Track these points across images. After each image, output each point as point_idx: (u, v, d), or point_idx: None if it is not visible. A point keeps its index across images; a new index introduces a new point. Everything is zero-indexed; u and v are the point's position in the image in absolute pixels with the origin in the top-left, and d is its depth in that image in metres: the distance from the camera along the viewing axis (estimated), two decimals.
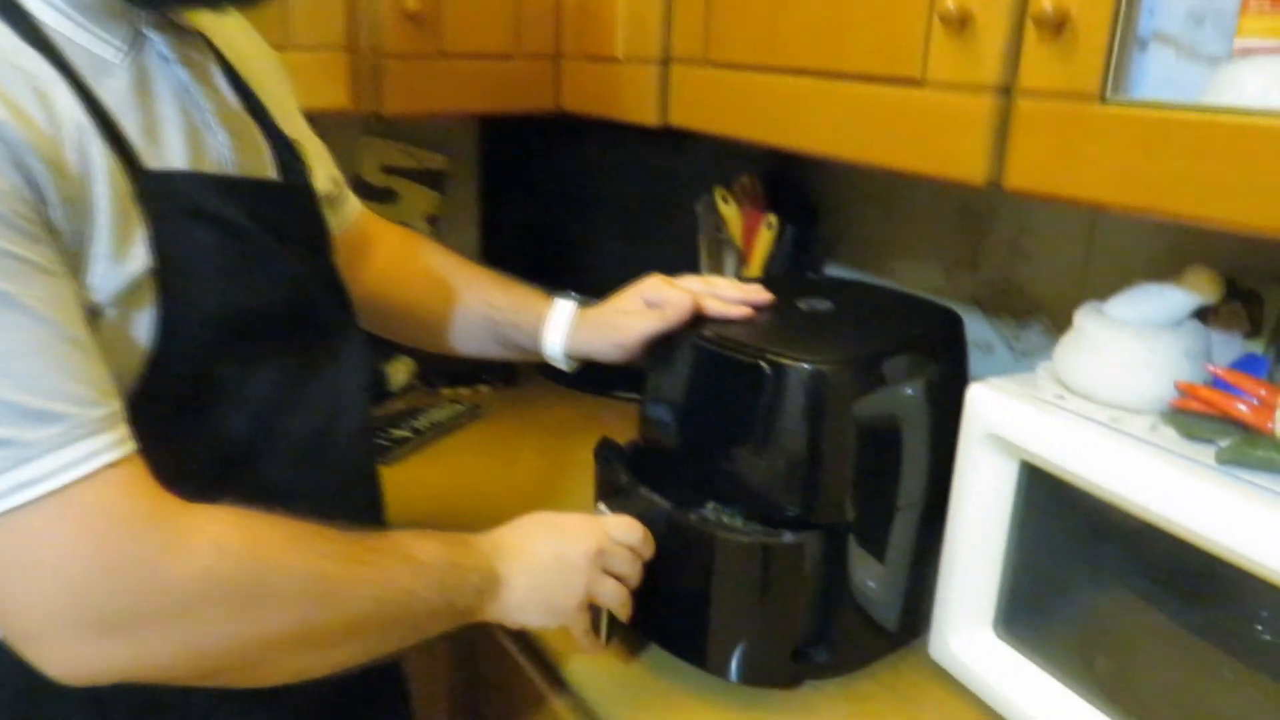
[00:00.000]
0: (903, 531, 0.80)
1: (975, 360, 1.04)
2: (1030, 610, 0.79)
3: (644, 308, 0.87)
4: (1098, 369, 0.72)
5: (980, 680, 0.80)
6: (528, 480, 1.20)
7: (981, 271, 1.15)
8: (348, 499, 0.74)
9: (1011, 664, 0.79)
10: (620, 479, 0.84)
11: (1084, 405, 0.72)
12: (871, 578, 0.81)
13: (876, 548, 0.80)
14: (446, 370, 1.44)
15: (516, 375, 1.48)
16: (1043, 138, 0.66)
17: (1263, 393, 0.65)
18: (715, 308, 0.83)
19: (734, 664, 0.80)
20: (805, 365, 0.75)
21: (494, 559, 0.70)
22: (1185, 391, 0.68)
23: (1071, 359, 0.74)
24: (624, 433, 1.29)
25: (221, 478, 0.58)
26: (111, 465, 0.53)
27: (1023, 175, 0.68)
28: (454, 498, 1.14)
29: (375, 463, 0.80)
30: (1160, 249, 0.95)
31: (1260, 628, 0.65)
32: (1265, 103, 0.57)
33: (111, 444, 0.54)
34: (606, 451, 0.88)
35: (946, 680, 0.83)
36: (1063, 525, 0.77)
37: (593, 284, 1.41)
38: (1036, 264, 1.08)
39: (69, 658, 0.53)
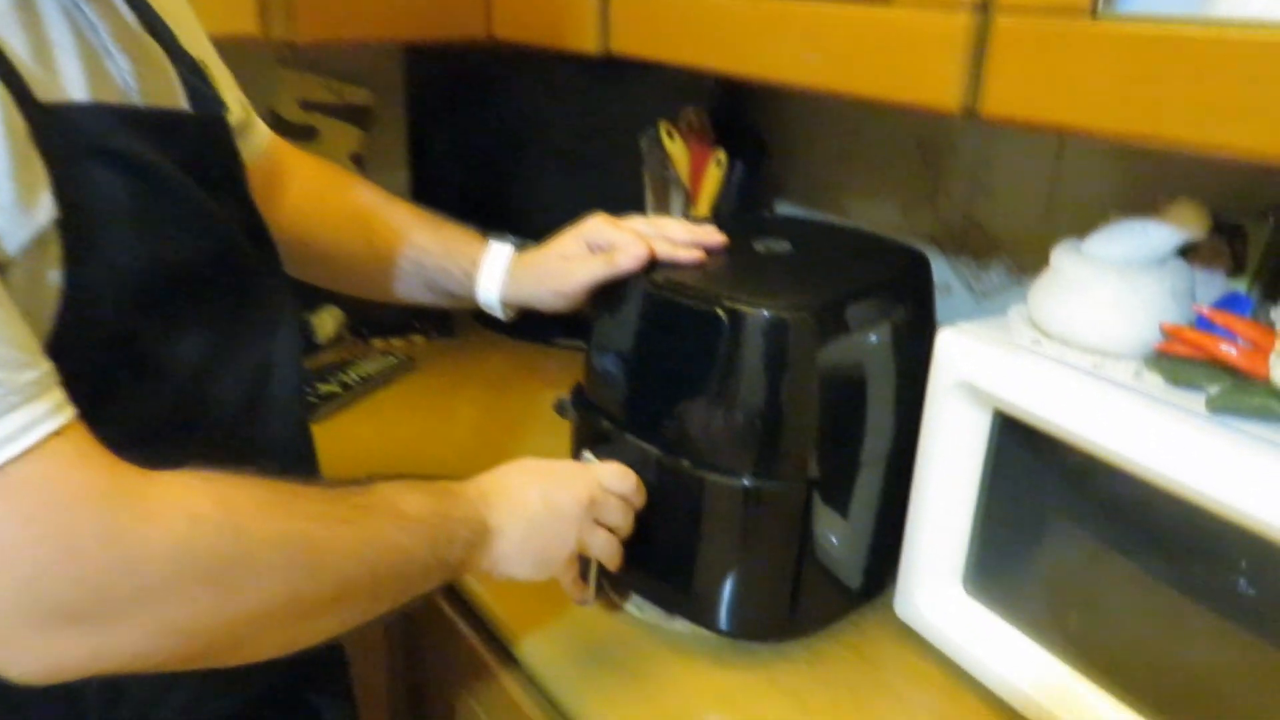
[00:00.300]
0: (867, 486, 0.76)
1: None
2: (1000, 566, 0.75)
3: (587, 252, 0.80)
4: (1078, 311, 0.67)
5: (948, 639, 0.76)
6: (466, 436, 1.13)
7: (940, 209, 1.09)
8: (282, 470, 0.67)
9: (981, 621, 0.75)
10: (603, 425, 0.78)
11: (1063, 350, 0.68)
12: (835, 534, 0.76)
13: (840, 503, 0.75)
14: (377, 320, 1.35)
15: (452, 324, 1.40)
16: (1024, 59, 0.60)
17: (1255, 335, 0.61)
18: (665, 251, 0.77)
19: (723, 614, 0.77)
20: (765, 312, 0.69)
21: (482, 508, 0.65)
22: (1172, 334, 0.64)
23: (1048, 301, 0.69)
24: (565, 382, 1.23)
25: (144, 456, 0.51)
26: (56, 434, 0.46)
27: (1001, 101, 0.62)
28: (388, 457, 1.07)
29: (310, 431, 0.73)
30: (1130, 183, 0.91)
31: (1242, 581, 0.62)
32: (1276, 16, 0.51)
33: (50, 410, 0.46)
34: (583, 399, 0.82)
35: (912, 639, 0.79)
36: (1035, 477, 0.73)
37: (530, 225, 1.33)
38: (999, 200, 1.03)
39: (31, 656, 0.47)
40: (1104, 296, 0.66)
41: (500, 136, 1.34)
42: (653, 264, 0.76)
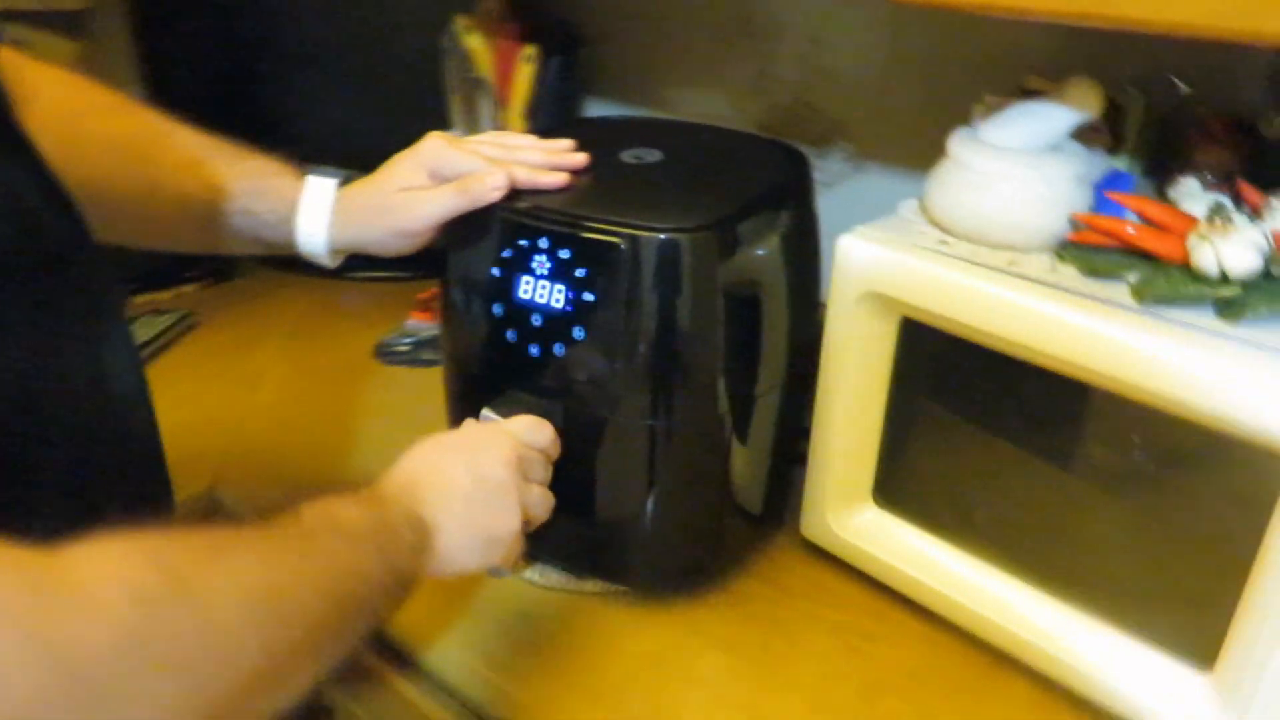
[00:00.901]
0: (766, 409, 0.70)
1: None
2: (907, 474, 0.73)
3: (430, 181, 0.68)
4: (986, 206, 0.63)
5: (863, 553, 0.73)
6: (283, 400, 0.98)
7: (771, 95, 1.03)
8: (132, 485, 0.55)
9: (893, 532, 0.73)
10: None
11: (973, 249, 0.64)
12: (742, 464, 0.71)
13: (743, 431, 0.69)
14: (137, 270, 1.14)
15: (231, 266, 1.21)
16: None
17: (1169, 218, 0.60)
18: (525, 177, 0.66)
19: (640, 567, 0.71)
20: (664, 235, 0.60)
21: (413, 504, 0.56)
22: (1087, 224, 0.61)
23: (951, 196, 0.65)
24: (380, 321, 1.10)
25: None
26: None
27: None
28: (193, 441, 0.90)
29: (158, 433, 0.59)
30: (973, 57, 0.88)
31: (1139, 454, 0.63)
32: None
33: None
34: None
35: (823, 560, 0.76)
36: (938, 382, 0.70)
37: (310, 152, 1.17)
38: (834, 82, 0.98)
39: None
40: (1013, 188, 0.62)
41: (254, 41, 1.14)
42: (512, 192, 0.65)
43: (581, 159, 0.68)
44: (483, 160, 0.66)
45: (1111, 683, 0.62)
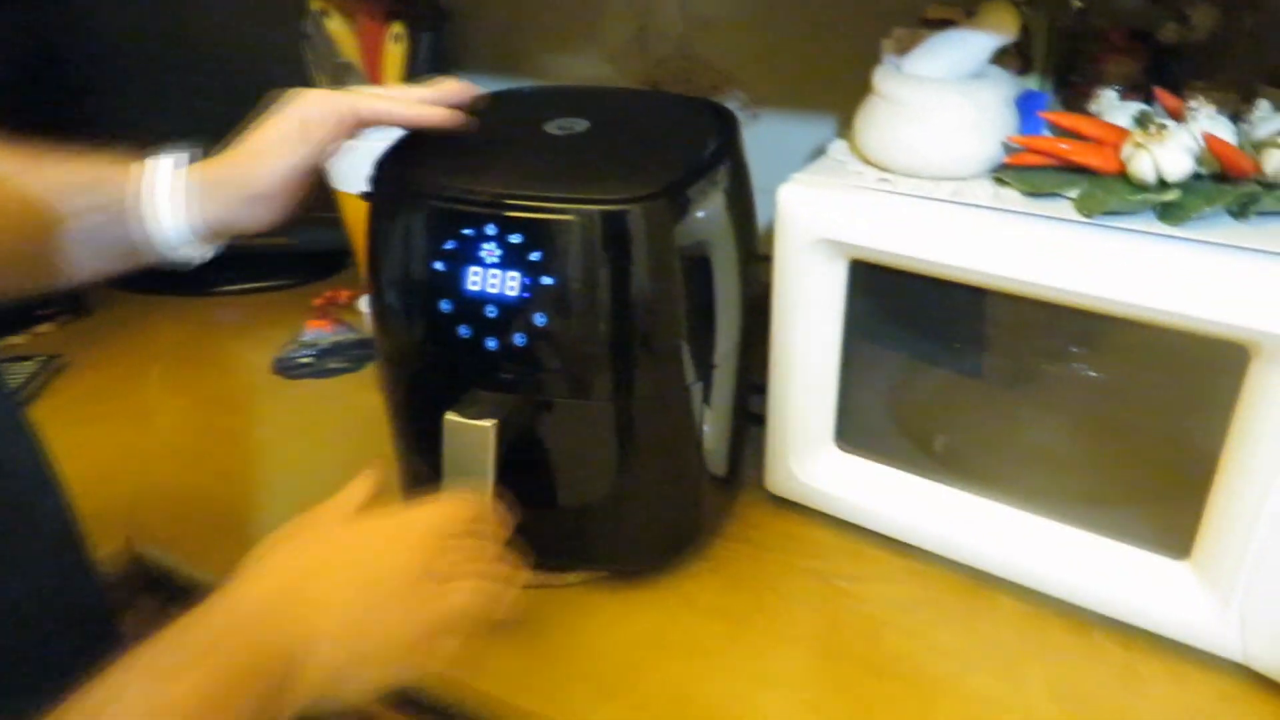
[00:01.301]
0: (727, 369, 0.69)
1: None
2: (866, 414, 0.73)
3: (283, 136, 0.61)
4: (923, 139, 0.63)
5: (832, 498, 0.74)
6: (181, 436, 0.91)
7: (655, 50, 1.01)
8: (47, 573, 0.50)
9: (860, 472, 0.74)
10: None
11: (915, 184, 0.64)
12: (710, 430, 0.69)
13: (707, 396, 0.68)
14: None
15: (87, 297, 1.11)
16: None
17: (1102, 132, 0.61)
18: (404, 112, 0.61)
19: (623, 549, 0.69)
20: (618, 206, 0.58)
21: (279, 626, 0.45)
22: (1027, 145, 0.62)
23: (885, 133, 0.65)
24: (270, 335, 1.03)
25: None
26: None
27: None
28: (94, 495, 0.82)
29: (72, 514, 0.53)
30: None
31: (1086, 368, 0.65)
32: None
33: None
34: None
35: (792, 512, 0.76)
36: (889, 318, 0.71)
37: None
38: (719, 31, 0.97)
39: None
40: (949, 117, 0.63)
41: (74, 38, 1.04)
42: (443, 180, 0.61)
43: (467, 91, 0.64)
44: (332, 99, 0.60)
45: (1094, 584, 0.65)
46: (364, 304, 0.91)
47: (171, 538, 0.78)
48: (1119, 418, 0.65)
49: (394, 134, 0.79)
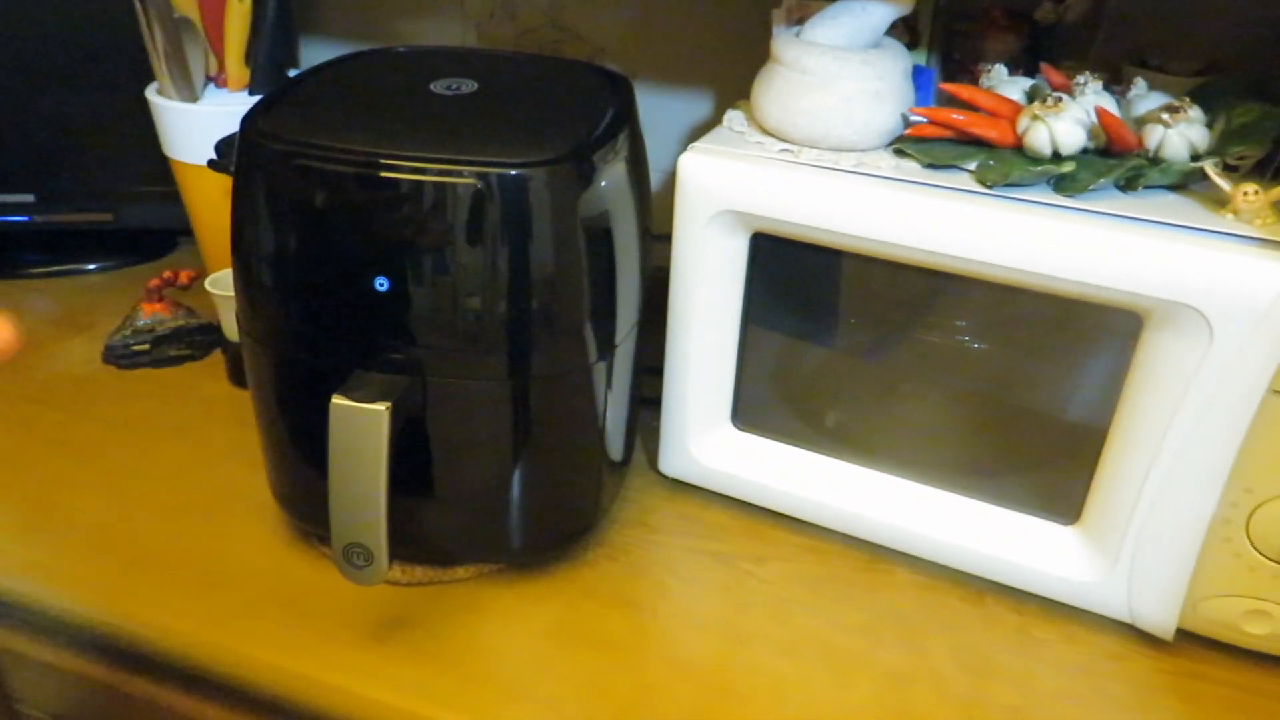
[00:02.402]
0: (626, 348, 0.66)
1: None
2: (761, 392, 0.72)
3: None
4: (825, 108, 0.62)
5: (730, 478, 0.73)
6: (6, 440, 0.80)
7: (522, 19, 0.97)
8: None
9: (757, 451, 0.72)
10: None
11: (818, 155, 0.63)
12: (610, 410, 0.66)
13: (608, 374, 0.65)
14: None
15: None
16: None
17: (997, 105, 0.62)
18: None
19: (517, 538, 0.65)
20: (522, 170, 0.54)
21: None
22: (926, 117, 0.62)
23: (786, 101, 0.63)
24: (91, 322, 0.93)
25: None
26: None
27: None
28: None
29: None
30: None
31: (976, 340, 0.67)
32: None
33: None
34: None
35: (684, 494, 0.74)
36: (784, 294, 0.70)
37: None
38: (591, 1, 0.94)
39: None
40: (852, 87, 0.62)
41: None
42: (314, 139, 0.55)
43: None
44: None
45: (987, 553, 0.66)
46: (211, 284, 0.82)
47: (32, 567, 0.68)
48: (1008, 389, 0.66)
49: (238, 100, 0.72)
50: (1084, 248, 0.55)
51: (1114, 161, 0.59)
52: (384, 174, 0.53)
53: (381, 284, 0.55)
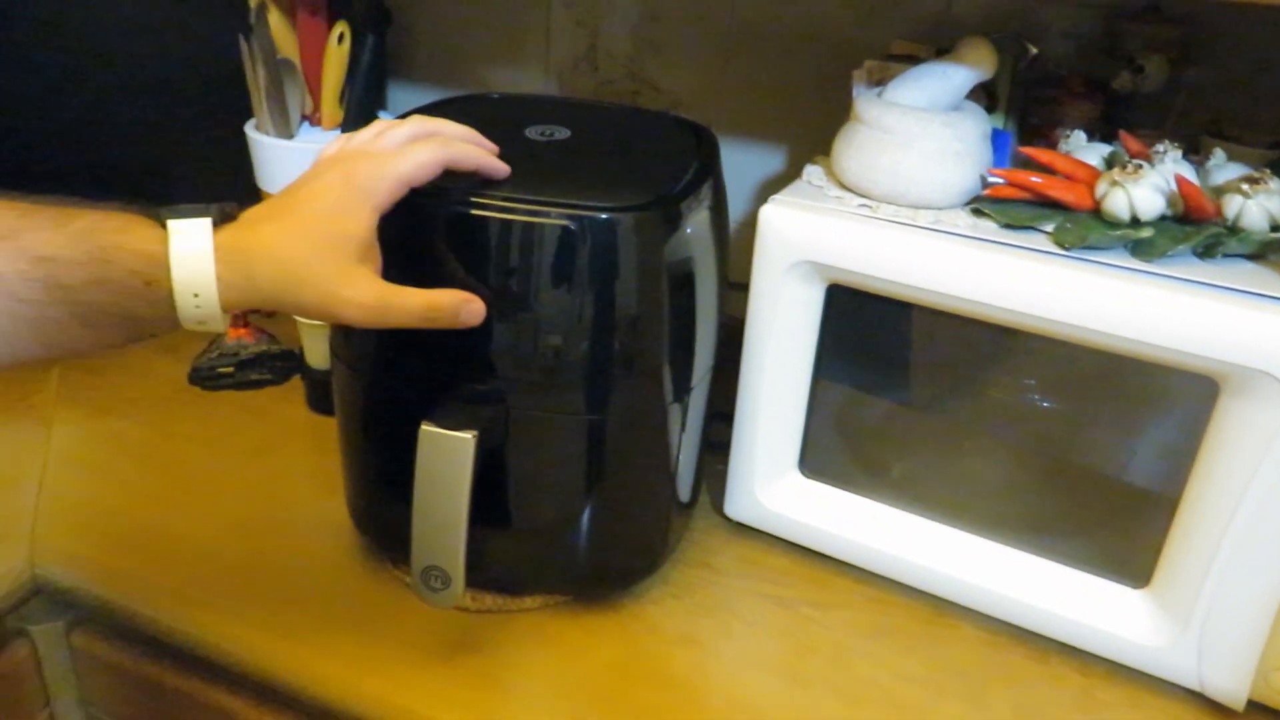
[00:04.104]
0: (700, 392, 0.68)
1: None
2: (829, 440, 0.73)
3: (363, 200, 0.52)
4: (905, 166, 0.64)
5: (794, 524, 0.73)
6: (90, 451, 0.83)
7: (603, 70, 1.00)
8: None
9: (822, 499, 0.73)
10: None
11: (896, 211, 0.65)
12: (682, 450, 0.68)
13: (683, 415, 0.67)
14: None
15: None
16: None
17: (1074, 169, 0.63)
18: (473, 158, 0.56)
19: (589, 572, 0.66)
20: (613, 214, 0.56)
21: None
22: (1004, 179, 0.64)
23: (866, 159, 0.65)
24: (176, 344, 0.96)
25: None
26: None
27: None
28: None
29: None
30: (806, 29, 0.89)
31: (1047, 398, 0.67)
32: None
33: None
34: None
35: (748, 538, 0.75)
36: (857, 345, 0.71)
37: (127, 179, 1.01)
38: (670, 55, 0.97)
39: None
40: (932, 147, 0.64)
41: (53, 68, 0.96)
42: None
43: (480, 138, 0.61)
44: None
45: (1053, 612, 0.66)
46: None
47: (75, 555, 0.71)
48: (1077, 448, 0.67)
49: (331, 139, 0.74)
50: (1162, 312, 0.56)
51: (1191, 229, 0.60)
52: (481, 213, 0.56)
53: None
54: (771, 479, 0.73)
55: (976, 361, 0.69)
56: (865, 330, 0.69)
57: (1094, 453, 0.66)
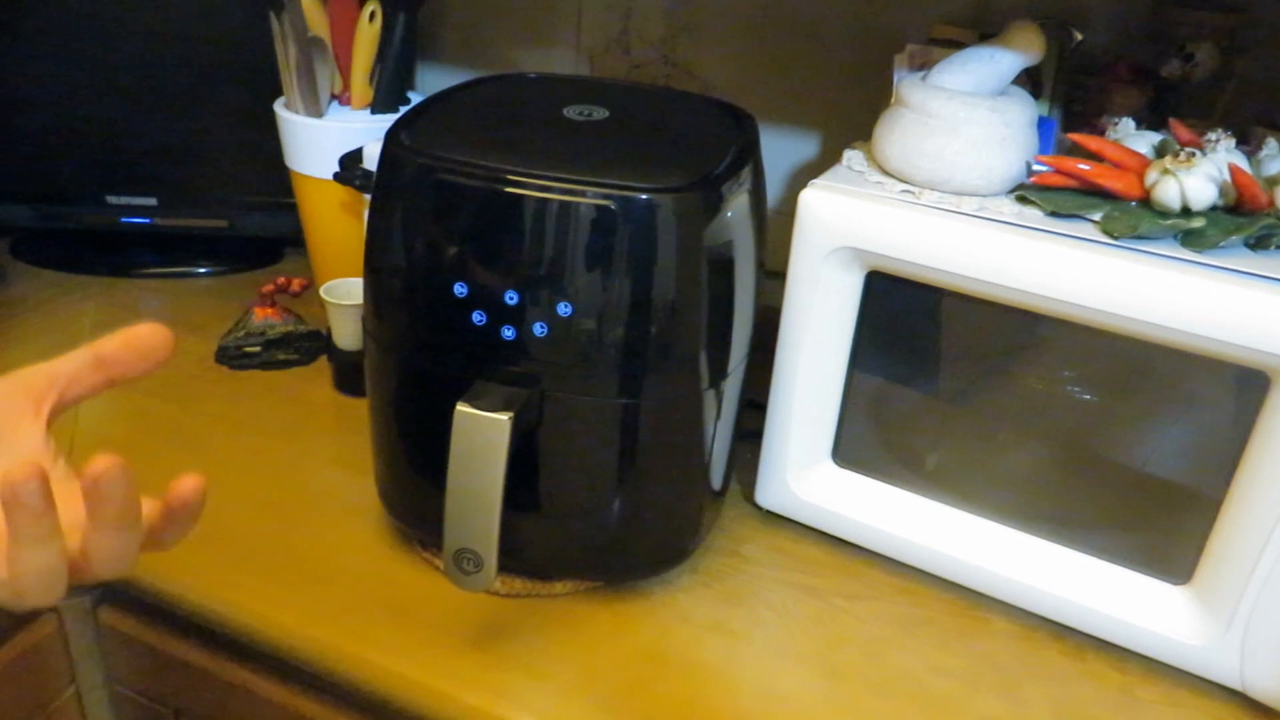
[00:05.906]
0: (736, 378, 0.67)
1: None
2: (863, 429, 0.72)
3: None
4: (950, 151, 0.63)
5: (826, 514, 0.72)
6: (117, 426, 0.83)
7: (636, 53, 0.99)
8: None
9: (855, 488, 0.72)
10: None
11: (940, 197, 0.63)
12: (717, 437, 0.67)
13: (719, 402, 0.66)
14: None
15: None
16: None
17: (1124, 157, 0.62)
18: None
19: (621, 558, 0.65)
20: (658, 194, 0.55)
21: None
22: (1051, 166, 0.62)
23: (910, 144, 0.64)
24: (204, 323, 0.96)
25: None
26: None
27: None
28: None
29: None
30: (841, 12, 0.88)
31: (1076, 389, 0.66)
32: None
33: None
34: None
35: (778, 527, 0.74)
36: (894, 334, 0.70)
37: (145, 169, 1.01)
38: (703, 38, 0.96)
39: None
40: (978, 132, 0.62)
41: (70, 64, 0.95)
42: (463, 152, 0.57)
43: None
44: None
45: (1091, 607, 0.65)
46: (325, 292, 0.85)
47: None
48: (1118, 442, 0.65)
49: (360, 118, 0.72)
50: (1213, 303, 0.55)
51: (1244, 220, 0.59)
52: (519, 191, 0.55)
53: (511, 298, 0.56)
54: (804, 468, 0.72)
55: (1014, 352, 0.68)
56: (905, 319, 0.68)
57: (1134, 446, 0.65)
